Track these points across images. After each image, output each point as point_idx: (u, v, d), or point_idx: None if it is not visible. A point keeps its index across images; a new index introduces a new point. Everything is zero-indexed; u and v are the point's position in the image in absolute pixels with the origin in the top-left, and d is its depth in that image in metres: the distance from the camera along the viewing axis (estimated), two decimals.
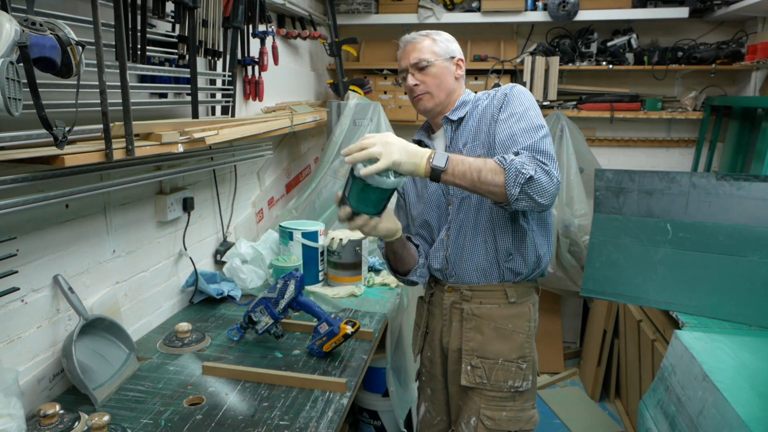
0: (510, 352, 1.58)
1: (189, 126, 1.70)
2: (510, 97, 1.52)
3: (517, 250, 1.58)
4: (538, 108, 1.52)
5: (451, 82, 1.61)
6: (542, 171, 1.34)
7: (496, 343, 1.58)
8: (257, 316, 1.80)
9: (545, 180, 1.33)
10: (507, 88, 1.55)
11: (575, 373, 3.60)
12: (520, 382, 1.58)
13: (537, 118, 1.47)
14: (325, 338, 1.72)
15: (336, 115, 2.99)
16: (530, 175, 1.32)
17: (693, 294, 2.11)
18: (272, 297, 1.80)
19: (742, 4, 3.00)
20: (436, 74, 1.58)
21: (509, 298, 1.60)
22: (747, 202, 2.03)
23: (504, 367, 1.58)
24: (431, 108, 1.62)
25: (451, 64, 1.61)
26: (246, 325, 1.82)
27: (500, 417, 1.58)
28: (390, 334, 2.20)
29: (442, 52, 1.59)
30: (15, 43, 0.95)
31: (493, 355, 1.58)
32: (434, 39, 1.60)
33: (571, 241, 3.30)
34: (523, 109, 1.49)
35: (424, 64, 1.57)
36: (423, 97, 1.60)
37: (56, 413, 1.34)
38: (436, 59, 1.58)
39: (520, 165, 1.33)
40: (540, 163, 1.36)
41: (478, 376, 1.59)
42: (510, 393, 1.59)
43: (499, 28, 3.63)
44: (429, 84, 1.58)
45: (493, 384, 1.58)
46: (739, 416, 1.44)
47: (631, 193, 2.23)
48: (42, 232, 1.45)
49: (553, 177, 1.35)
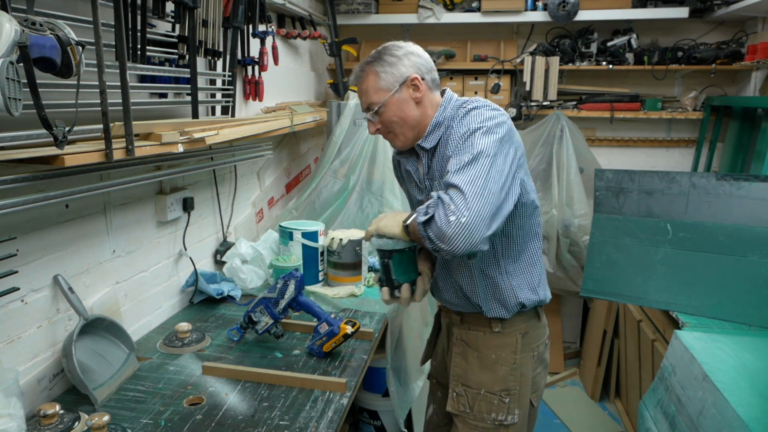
0: (492, 383, 1.48)
1: (189, 126, 1.70)
2: (462, 121, 1.35)
3: (492, 297, 1.47)
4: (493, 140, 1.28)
5: (412, 112, 1.43)
6: (444, 211, 1.19)
7: (479, 373, 1.49)
8: (257, 316, 1.80)
9: (442, 221, 1.19)
10: (468, 115, 1.35)
11: (575, 373, 3.60)
12: (504, 415, 1.47)
13: (479, 141, 1.27)
14: (325, 338, 1.72)
15: (336, 115, 2.99)
16: (426, 218, 1.22)
17: (693, 294, 2.11)
18: (272, 297, 1.79)
19: (742, 4, 3.00)
20: (391, 113, 1.42)
21: (493, 328, 1.49)
22: (747, 202, 2.03)
23: (486, 398, 1.48)
24: (402, 147, 1.50)
25: (404, 92, 1.41)
26: (246, 325, 1.82)
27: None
28: (390, 334, 2.20)
29: (390, 84, 1.41)
30: (15, 43, 0.95)
31: (476, 384, 1.49)
32: (377, 72, 1.41)
33: (571, 241, 3.30)
34: (471, 144, 1.28)
35: (375, 108, 1.42)
36: (393, 137, 1.48)
37: (56, 413, 1.34)
38: (384, 97, 1.41)
39: (423, 215, 1.23)
40: (447, 202, 1.20)
41: (461, 404, 1.51)
42: (495, 426, 1.48)
43: (499, 28, 3.63)
44: (388, 125, 1.44)
45: (476, 415, 1.49)
46: (739, 416, 1.44)
47: (631, 193, 2.23)
48: (42, 232, 1.45)
49: (456, 217, 1.17)
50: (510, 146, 1.32)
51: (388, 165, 2.84)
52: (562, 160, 3.39)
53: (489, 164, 1.24)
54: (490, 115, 1.34)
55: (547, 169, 3.47)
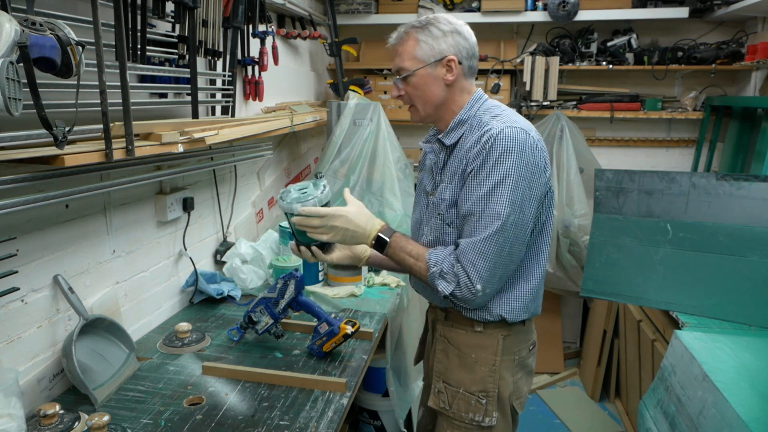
0: (471, 383, 1.46)
1: (189, 126, 1.70)
2: (488, 157, 1.30)
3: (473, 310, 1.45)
4: (519, 174, 1.28)
5: (438, 92, 1.40)
6: (460, 288, 1.34)
7: (459, 371, 1.48)
8: (257, 316, 1.79)
9: (462, 296, 1.35)
10: (490, 141, 1.30)
11: (575, 373, 3.60)
12: (481, 417, 1.44)
13: (499, 201, 1.28)
14: (325, 338, 1.72)
15: (336, 115, 2.99)
16: (445, 294, 1.37)
17: (693, 294, 2.11)
18: (272, 297, 1.79)
19: (742, 4, 3.00)
20: (417, 85, 1.39)
21: (475, 327, 1.47)
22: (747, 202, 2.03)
23: (465, 397, 1.46)
24: (420, 121, 1.47)
25: (438, 69, 1.38)
26: (246, 325, 1.82)
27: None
28: (390, 334, 2.20)
29: (426, 55, 1.37)
30: (15, 43, 0.95)
31: (455, 382, 1.48)
32: (417, 39, 1.37)
33: (571, 241, 3.30)
34: (493, 182, 1.29)
35: (404, 74, 1.40)
36: (412, 109, 1.46)
37: (56, 413, 1.34)
38: (416, 67, 1.37)
39: (440, 277, 1.36)
40: (460, 278, 1.33)
41: (441, 401, 1.50)
42: (474, 427, 1.46)
43: (499, 28, 3.63)
44: (412, 96, 1.42)
45: (455, 413, 1.48)
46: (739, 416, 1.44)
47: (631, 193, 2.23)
48: (42, 232, 1.44)
49: (470, 291, 1.33)
50: (531, 181, 1.31)
51: (388, 165, 2.85)
52: (562, 160, 3.39)
53: (501, 226, 1.29)
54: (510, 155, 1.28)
55: None
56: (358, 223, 1.42)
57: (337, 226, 1.41)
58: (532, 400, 3.32)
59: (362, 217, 1.44)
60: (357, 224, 1.42)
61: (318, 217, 1.41)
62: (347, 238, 1.43)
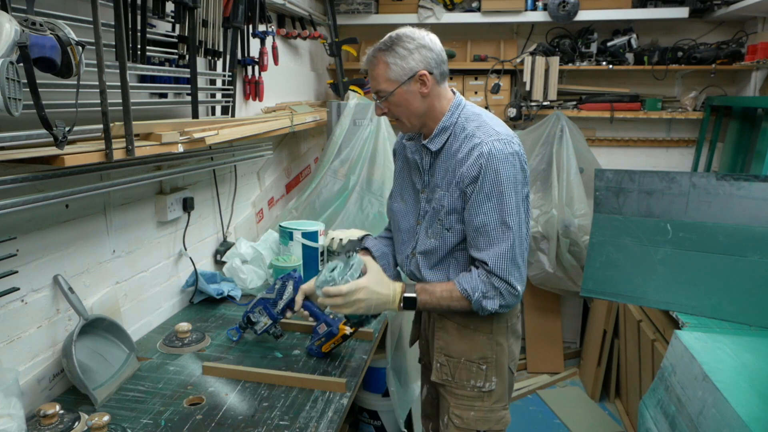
0: (471, 351, 1.57)
1: (189, 126, 1.70)
2: (486, 174, 1.40)
3: None
4: (514, 183, 1.41)
5: (417, 104, 1.48)
6: (504, 297, 1.43)
7: (459, 343, 1.58)
8: (256, 316, 1.79)
9: (507, 303, 1.45)
10: (483, 157, 1.40)
11: (575, 373, 3.60)
12: (482, 382, 1.57)
13: (509, 206, 1.40)
14: (323, 339, 1.72)
15: (336, 115, 2.99)
16: (494, 310, 1.45)
17: (693, 294, 2.11)
18: (270, 298, 1.79)
19: (742, 4, 3.00)
20: (397, 103, 1.47)
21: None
22: (747, 202, 2.03)
23: (466, 366, 1.57)
24: (408, 132, 1.58)
25: (412, 85, 1.45)
26: (245, 325, 1.81)
27: (468, 416, 1.58)
28: (390, 334, 2.20)
29: (399, 75, 1.44)
30: (15, 43, 0.95)
31: (456, 354, 1.58)
32: (387, 63, 1.44)
33: (571, 241, 3.30)
34: (498, 194, 1.40)
35: (383, 95, 1.48)
36: (397, 123, 1.54)
37: (56, 413, 1.34)
38: (392, 88, 1.45)
39: (484, 298, 1.44)
40: (502, 290, 1.42)
41: (444, 374, 1.60)
42: (476, 393, 1.58)
43: (499, 28, 3.63)
44: (395, 112, 1.50)
45: (457, 382, 1.59)
46: (739, 416, 1.44)
47: (631, 193, 2.23)
48: (42, 232, 1.45)
49: (513, 295, 1.43)
50: (522, 185, 1.45)
51: (388, 165, 2.84)
52: (562, 160, 3.39)
53: (521, 231, 1.44)
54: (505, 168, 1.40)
55: (547, 169, 3.47)
56: (381, 291, 1.50)
57: (361, 298, 1.49)
58: (532, 400, 3.32)
59: (382, 284, 1.52)
60: (379, 293, 1.50)
61: (340, 296, 1.49)
62: (372, 307, 1.51)
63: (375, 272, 1.54)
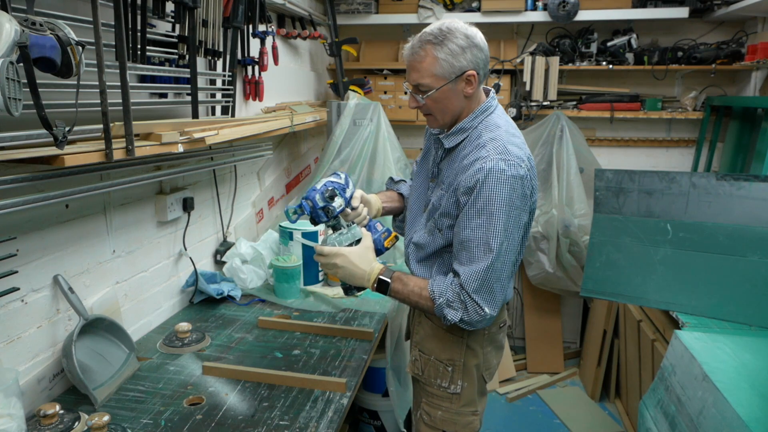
0: (440, 351, 1.57)
1: (189, 126, 1.70)
2: (481, 190, 1.34)
3: None
4: (508, 207, 1.34)
5: (458, 103, 1.43)
6: (468, 313, 1.38)
7: (432, 340, 1.59)
8: (335, 189, 1.54)
9: (470, 320, 1.40)
10: (482, 172, 1.34)
11: (575, 373, 3.60)
12: (447, 383, 1.56)
13: (494, 231, 1.34)
14: (386, 234, 1.64)
15: (336, 115, 2.99)
16: (454, 321, 1.40)
17: (693, 294, 2.11)
18: (339, 183, 1.57)
19: (742, 4, 2.99)
20: (438, 99, 1.41)
21: None
22: (747, 202, 2.03)
23: (434, 365, 1.58)
24: (438, 127, 1.51)
25: (458, 84, 1.39)
26: (324, 198, 1.53)
27: (436, 415, 1.59)
28: (390, 334, 2.20)
29: (447, 72, 1.36)
30: (15, 43, 0.95)
31: (428, 351, 1.60)
32: (436, 57, 1.35)
33: (571, 241, 3.30)
34: (488, 213, 1.34)
35: (425, 90, 1.40)
36: (428, 117, 1.49)
37: (56, 413, 1.34)
38: (438, 85, 1.38)
39: (447, 307, 1.40)
40: (468, 305, 1.38)
41: (417, 368, 1.63)
42: (443, 393, 1.58)
43: (499, 28, 3.63)
44: (431, 107, 1.44)
45: (426, 379, 1.60)
46: (739, 416, 1.44)
47: (631, 193, 2.23)
48: (42, 232, 1.45)
49: (479, 314, 1.37)
50: (520, 210, 1.38)
51: (388, 165, 2.85)
52: (562, 160, 3.39)
53: (497, 255, 1.36)
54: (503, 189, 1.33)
55: (547, 169, 3.47)
56: (358, 264, 1.49)
57: (337, 264, 1.49)
58: (533, 400, 3.32)
59: (364, 259, 1.51)
60: (356, 265, 1.49)
61: (322, 255, 1.51)
62: (348, 276, 1.50)
63: (363, 247, 1.52)
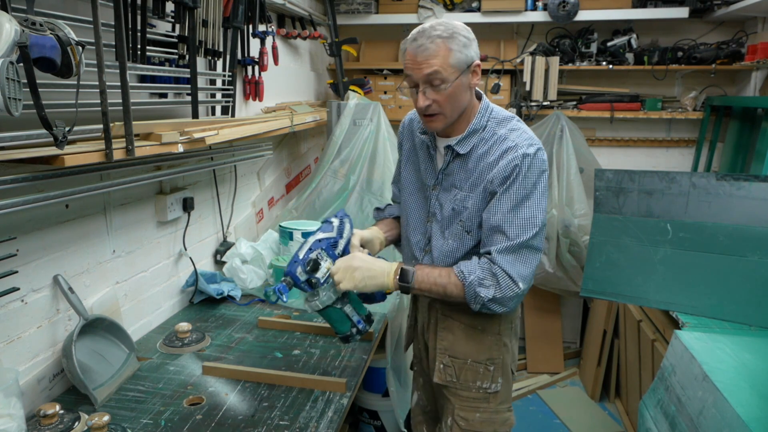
0: (478, 353, 1.55)
1: (189, 126, 1.70)
2: (518, 176, 1.37)
3: None
4: (540, 190, 1.39)
5: (467, 97, 1.42)
6: (501, 289, 1.37)
7: (466, 344, 1.56)
8: (320, 257, 1.46)
9: (503, 296, 1.38)
10: (518, 158, 1.37)
11: (575, 373, 3.60)
12: (489, 383, 1.55)
13: (532, 209, 1.38)
14: None
15: (336, 115, 2.99)
16: (488, 299, 1.38)
17: (693, 294, 2.11)
18: (330, 237, 1.51)
19: (742, 4, 2.99)
20: (452, 93, 1.37)
21: None
22: (747, 202, 2.03)
23: (472, 367, 1.55)
24: (442, 128, 1.45)
25: (468, 76, 1.39)
26: (306, 271, 1.44)
27: (474, 418, 1.56)
28: (390, 334, 2.20)
29: (460, 63, 1.35)
30: (15, 43, 0.95)
31: (462, 355, 1.56)
32: (450, 49, 1.34)
33: (571, 241, 3.30)
34: (524, 193, 1.38)
35: (438, 83, 1.36)
36: (436, 118, 1.42)
37: (56, 413, 1.34)
38: (454, 76, 1.35)
39: (479, 285, 1.38)
40: (501, 281, 1.37)
41: (448, 375, 1.57)
42: (482, 394, 1.56)
43: (499, 28, 3.63)
44: (442, 104, 1.39)
45: (462, 384, 1.56)
46: (739, 416, 1.44)
47: (631, 193, 2.23)
48: (42, 232, 1.45)
49: (512, 290, 1.37)
50: (547, 189, 1.44)
51: (389, 165, 2.84)
52: (562, 160, 3.39)
53: (536, 233, 1.38)
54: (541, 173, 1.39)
55: None
56: (375, 261, 1.49)
57: (354, 265, 1.45)
58: (533, 400, 3.32)
59: (376, 259, 1.50)
60: (374, 262, 1.48)
61: (338, 270, 1.46)
62: (367, 277, 1.45)
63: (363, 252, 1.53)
